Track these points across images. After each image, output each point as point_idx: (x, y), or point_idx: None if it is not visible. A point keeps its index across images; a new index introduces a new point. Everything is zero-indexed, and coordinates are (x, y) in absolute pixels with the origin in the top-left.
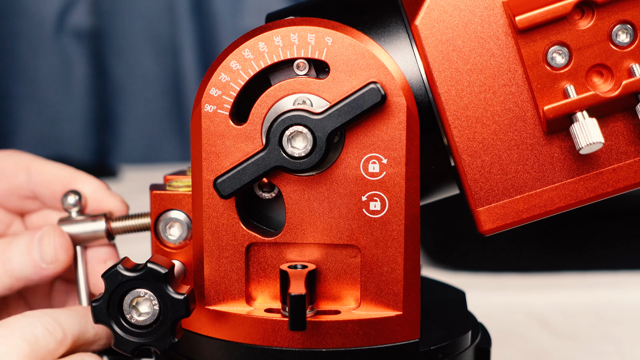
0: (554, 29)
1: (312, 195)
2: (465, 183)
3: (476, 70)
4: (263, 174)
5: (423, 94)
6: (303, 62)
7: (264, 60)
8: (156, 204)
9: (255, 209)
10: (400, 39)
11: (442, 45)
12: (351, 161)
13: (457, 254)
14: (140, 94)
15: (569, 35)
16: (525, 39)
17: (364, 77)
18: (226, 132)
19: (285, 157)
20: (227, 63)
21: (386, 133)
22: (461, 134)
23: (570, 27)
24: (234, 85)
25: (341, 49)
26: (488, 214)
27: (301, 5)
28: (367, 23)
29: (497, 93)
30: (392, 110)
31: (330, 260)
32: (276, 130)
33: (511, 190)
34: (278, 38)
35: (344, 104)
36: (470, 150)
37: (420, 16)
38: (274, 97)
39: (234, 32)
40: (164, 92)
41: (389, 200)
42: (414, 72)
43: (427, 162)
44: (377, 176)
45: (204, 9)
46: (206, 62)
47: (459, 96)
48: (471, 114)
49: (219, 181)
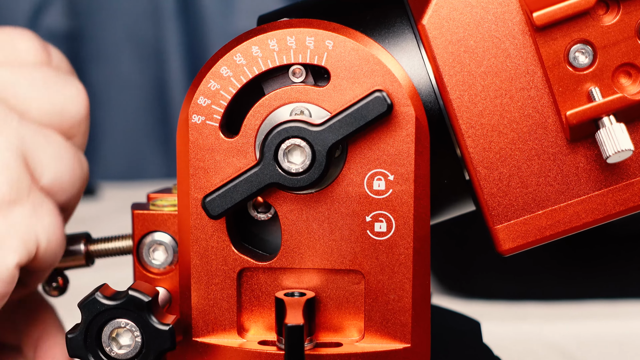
0: (576, 25)
1: (310, 215)
2: (482, 198)
3: (491, 73)
4: (257, 191)
5: (433, 101)
6: (299, 69)
7: (257, 66)
8: (139, 225)
9: (248, 230)
10: (406, 40)
11: (453, 46)
12: (354, 178)
13: (471, 279)
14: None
15: (592, 32)
16: (544, 37)
17: (368, 84)
18: (216, 145)
19: (281, 173)
20: (217, 69)
21: (393, 146)
22: (476, 144)
23: (594, 23)
24: (225, 93)
25: (343, 54)
26: (507, 232)
27: (296, 6)
28: (369, 23)
29: (514, 98)
30: (399, 121)
31: (330, 287)
32: (271, 144)
33: (532, 205)
34: (273, 42)
35: (346, 115)
36: (486, 161)
37: (428, 14)
38: (269, 107)
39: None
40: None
41: (396, 221)
42: (422, 77)
43: (438, 176)
44: (382, 194)
45: (191, 10)
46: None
47: (473, 102)
48: (486, 122)
49: (208, 200)
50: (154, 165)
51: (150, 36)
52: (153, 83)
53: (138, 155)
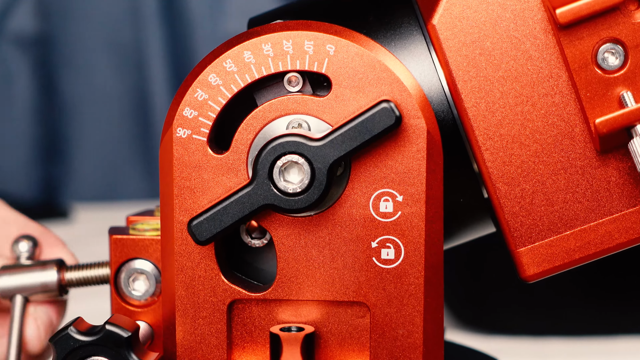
0: (605, 23)
1: (310, 240)
2: (502, 218)
3: (510, 78)
4: (249, 214)
5: (445, 111)
6: (295, 76)
7: (250, 73)
8: (117, 252)
9: (240, 258)
10: (415, 43)
11: (467, 49)
12: (358, 199)
13: (489, 312)
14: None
15: (623, 30)
16: (569, 36)
17: (374, 93)
18: (203, 162)
19: (276, 193)
20: (204, 77)
21: (401, 163)
22: (494, 157)
23: (625, 20)
24: (214, 104)
25: (346, 60)
26: (532, 256)
27: (291, 6)
28: (373, 25)
29: (536, 105)
30: (409, 135)
31: (332, 321)
32: (265, 161)
33: (559, 224)
34: (268, 46)
35: (349, 128)
36: (506, 177)
37: (439, 13)
38: (263, 120)
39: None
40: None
41: (405, 247)
42: (434, 84)
43: (453, 195)
44: (390, 217)
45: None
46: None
47: (490, 111)
48: (506, 133)
49: (195, 223)
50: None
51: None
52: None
53: (116, 174)
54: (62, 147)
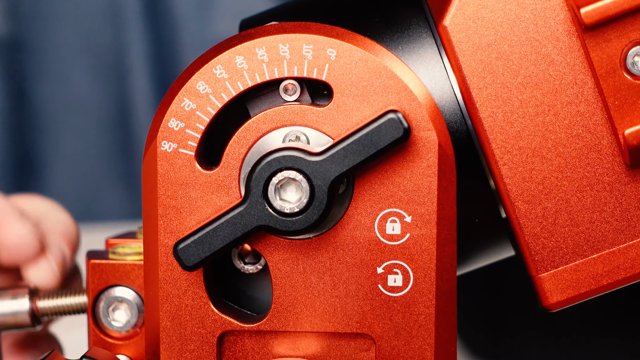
0: (635, 23)
1: (308, 266)
2: (522, 240)
3: (530, 85)
4: (242, 236)
5: (459, 121)
6: (292, 84)
7: (242, 80)
8: (95, 278)
9: (232, 285)
10: (424, 46)
11: (482, 53)
12: (362, 219)
13: (506, 344)
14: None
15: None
16: (595, 38)
17: (380, 103)
18: (191, 179)
19: (271, 213)
20: (192, 85)
21: (410, 181)
22: (513, 173)
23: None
24: (202, 115)
25: (349, 65)
26: (555, 282)
27: (287, 6)
28: (378, 27)
29: (559, 115)
30: (419, 148)
31: (333, 354)
32: (259, 177)
33: (585, 247)
34: (262, 50)
35: (352, 141)
36: (526, 194)
37: (450, 13)
38: (257, 132)
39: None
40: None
41: (414, 273)
42: (445, 91)
43: (467, 215)
44: (398, 240)
45: (160, 10)
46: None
47: (508, 121)
48: (526, 145)
49: (182, 247)
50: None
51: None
52: (113, 102)
53: (94, 191)
54: (33, 162)
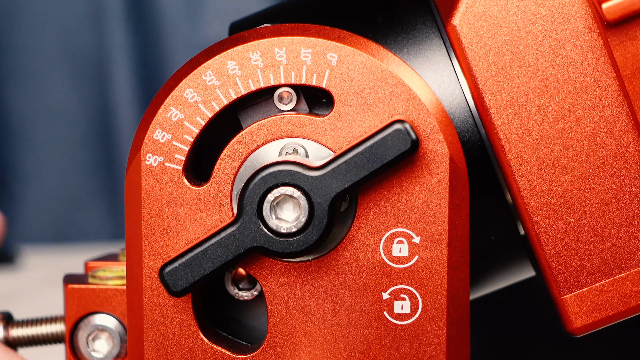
0: None
1: (307, 291)
2: (543, 259)
3: (548, 89)
4: (234, 259)
5: (471, 130)
6: (288, 92)
7: (235, 88)
8: (74, 305)
9: (224, 313)
10: (432, 48)
11: (495, 54)
12: (366, 240)
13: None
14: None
15: None
16: (619, 36)
17: (385, 112)
18: (178, 195)
19: (267, 234)
20: (179, 92)
21: (419, 198)
22: (532, 185)
23: None
24: (191, 126)
25: (351, 71)
26: (579, 304)
27: (282, 7)
28: (381, 28)
29: (581, 121)
30: (428, 162)
31: None
32: (254, 194)
33: (612, 265)
34: (256, 55)
35: (355, 155)
36: (546, 209)
37: (460, 12)
38: (250, 144)
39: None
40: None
41: (424, 299)
42: (456, 97)
43: (482, 232)
44: (405, 262)
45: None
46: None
47: (525, 129)
48: (545, 155)
49: (169, 270)
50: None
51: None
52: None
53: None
54: (7, 177)
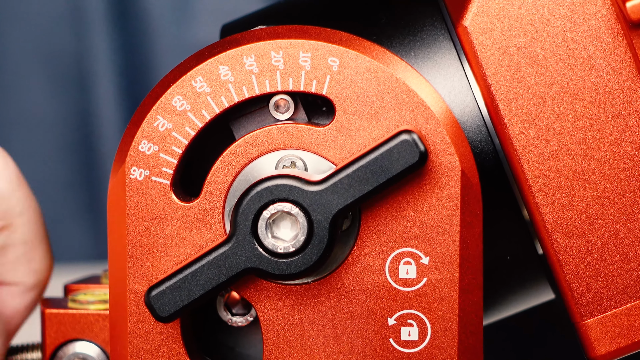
0: None
1: (306, 316)
2: (563, 280)
3: (568, 95)
4: (226, 281)
5: (484, 140)
6: (285, 100)
7: (227, 95)
8: (52, 331)
9: (217, 340)
10: (441, 51)
11: (510, 57)
12: (370, 261)
13: None
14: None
15: None
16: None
17: (391, 122)
18: (166, 212)
19: (262, 254)
20: (167, 100)
21: (428, 215)
22: (550, 200)
23: None
24: (179, 136)
25: (354, 77)
26: (603, 329)
27: (278, 7)
28: (385, 29)
29: (604, 130)
30: (438, 176)
31: None
32: (248, 211)
33: (638, 287)
34: (251, 59)
35: (358, 168)
36: (566, 225)
37: (472, 11)
38: (244, 157)
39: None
40: (65, 145)
41: (433, 325)
42: (467, 105)
43: (497, 252)
44: (413, 285)
45: (130, 11)
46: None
47: (543, 139)
48: (564, 167)
49: (155, 294)
50: (74, 241)
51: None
52: (73, 120)
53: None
54: None
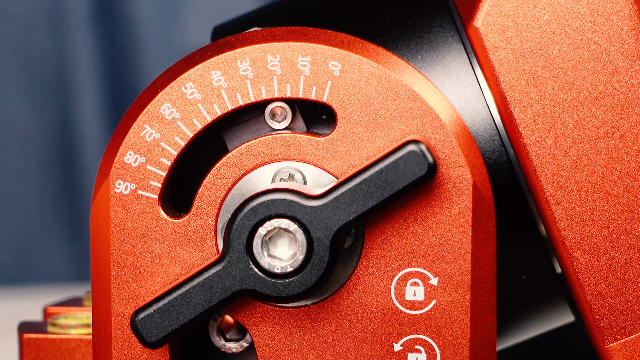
0: None
1: (305, 342)
2: (584, 302)
3: (588, 101)
4: (219, 304)
5: (497, 150)
6: (281, 107)
7: (220, 102)
8: (31, 358)
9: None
10: (451, 54)
11: (525, 60)
12: (375, 282)
13: None
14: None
15: None
16: None
17: (397, 131)
18: (154, 229)
19: (257, 274)
20: (155, 108)
21: (437, 232)
22: (569, 214)
23: None
24: (168, 147)
25: (357, 83)
26: (627, 354)
27: (273, 8)
28: (390, 31)
29: (627, 138)
30: (448, 190)
31: None
32: (242, 228)
33: None
34: (246, 63)
35: (361, 181)
36: (587, 242)
37: (483, 11)
38: (238, 169)
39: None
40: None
41: (442, 351)
42: (479, 112)
43: (512, 271)
44: (420, 308)
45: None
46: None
47: (561, 149)
48: (584, 179)
49: (142, 318)
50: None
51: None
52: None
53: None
54: None
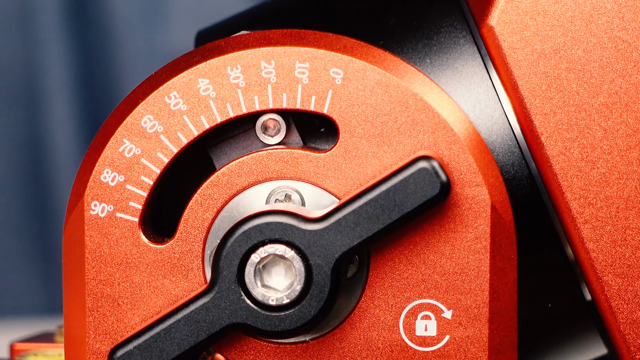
0: None
1: None
2: (616, 331)
3: (617, 106)
4: (207, 340)
5: (517, 164)
6: (274, 120)
7: (209, 114)
8: None
9: None
10: (463, 57)
11: (546, 62)
12: (381, 315)
13: None
14: None
15: None
16: None
17: (407, 146)
18: (134, 256)
19: (250, 306)
20: (135, 120)
21: (451, 259)
22: (599, 235)
23: None
24: (150, 164)
25: (361, 92)
26: None
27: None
28: (395, 32)
29: None
30: (463, 212)
31: None
32: (233, 254)
33: None
34: (237, 70)
35: (366, 202)
36: (619, 265)
37: (498, 8)
38: (228, 189)
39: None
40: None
41: None
42: (495, 122)
43: (536, 300)
44: (433, 344)
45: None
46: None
47: (588, 161)
48: (615, 194)
49: (121, 354)
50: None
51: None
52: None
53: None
54: None
